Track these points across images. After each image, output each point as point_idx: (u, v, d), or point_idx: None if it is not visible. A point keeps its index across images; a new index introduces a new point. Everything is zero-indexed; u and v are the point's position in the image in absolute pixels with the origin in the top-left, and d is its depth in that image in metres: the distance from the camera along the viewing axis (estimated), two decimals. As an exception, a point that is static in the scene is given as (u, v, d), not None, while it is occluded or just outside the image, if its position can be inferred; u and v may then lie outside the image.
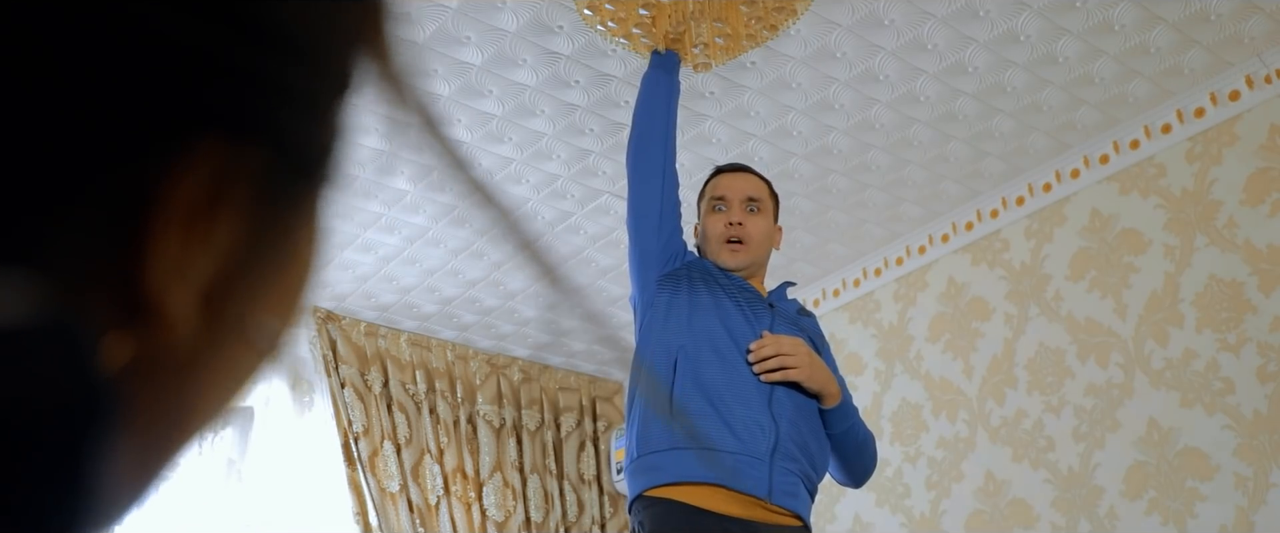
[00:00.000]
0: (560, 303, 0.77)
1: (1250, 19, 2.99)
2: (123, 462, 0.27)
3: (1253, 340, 3.02)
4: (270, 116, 0.29)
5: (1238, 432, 3.00)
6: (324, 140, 0.32)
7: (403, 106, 0.34)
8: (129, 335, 0.27)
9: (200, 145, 0.27)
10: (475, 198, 0.36)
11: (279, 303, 0.32)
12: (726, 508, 2.01)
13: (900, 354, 3.93)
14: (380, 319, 4.25)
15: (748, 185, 2.36)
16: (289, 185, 0.31)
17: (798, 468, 2.08)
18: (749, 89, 3.16)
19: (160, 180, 0.27)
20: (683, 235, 2.34)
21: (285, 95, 0.29)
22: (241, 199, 0.29)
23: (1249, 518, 2.92)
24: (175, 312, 0.28)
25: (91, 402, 0.25)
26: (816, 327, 2.37)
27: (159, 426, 0.29)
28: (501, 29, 2.87)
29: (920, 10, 2.88)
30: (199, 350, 0.29)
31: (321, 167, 0.32)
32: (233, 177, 0.28)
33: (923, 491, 3.71)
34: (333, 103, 0.32)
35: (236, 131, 0.28)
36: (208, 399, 0.31)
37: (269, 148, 0.29)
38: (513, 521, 4.29)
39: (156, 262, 0.27)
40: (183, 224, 0.27)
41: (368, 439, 4.06)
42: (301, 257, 0.33)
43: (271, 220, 0.30)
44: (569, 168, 3.45)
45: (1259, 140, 3.14)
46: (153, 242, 0.27)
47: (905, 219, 3.86)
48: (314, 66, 0.30)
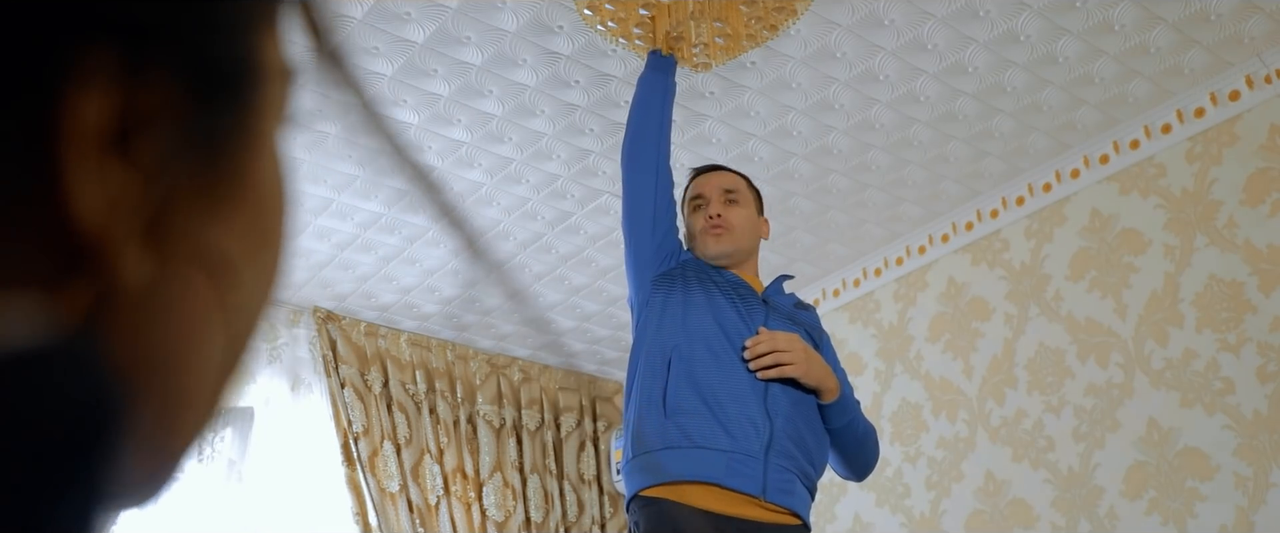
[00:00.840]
0: (483, 279, 0.75)
1: (1250, 19, 2.99)
2: (136, 451, 0.27)
3: (1253, 340, 3.02)
4: (170, 27, 0.27)
5: (1238, 432, 3.00)
6: (246, 57, 0.30)
7: (342, 87, 0.33)
8: (82, 283, 0.26)
9: (96, 61, 0.26)
10: (407, 170, 0.35)
11: (246, 236, 0.31)
12: (720, 507, 2.01)
13: (900, 354, 3.93)
14: (380, 319, 4.25)
15: (722, 180, 2.41)
16: (215, 108, 0.29)
17: (794, 465, 2.08)
18: (749, 89, 3.16)
19: (60, 102, 0.25)
20: (678, 236, 2.35)
21: (185, 6, 0.28)
22: (160, 124, 0.27)
23: (1249, 518, 2.92)
24: (117, 245, 0.26)
25: (100, 410, 0.25)
26: (815, 320, 2.36)
27: (156, 379, 0.28)
28: (501, 29, 2.87)
29: (920, 10, 2.88)
30: (161, 287, 0.28)
31: (248, 87, 0.31)
32: (143, 102, 0.27)
33: (923, 491, 3.71)
34: (250, 16, 0.31)
35: (134, 46, 0.26)
36: (195, 343, 0.29)
37: (179, 65, 0.28)
38: (513, 521, 4.29)
39: (79, 192, 0.25)
40: (97, 147, 0.26)
41: (368, 439, 4.06)
42: (256, 183, 0.31)
43: (205, 144, 0.29)
44: (569, 168, 3.45)
45: (1259, 140, 3.14)
46: (68, 171, 0.25)
47: (905, 219, 3.86)
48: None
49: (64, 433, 0.24)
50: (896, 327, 3.98)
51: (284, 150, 0.33)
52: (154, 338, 0.28)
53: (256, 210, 0.32)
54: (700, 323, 2.16)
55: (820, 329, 2.35)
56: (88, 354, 0.25)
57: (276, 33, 0.32)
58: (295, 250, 3.87)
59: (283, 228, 0.33)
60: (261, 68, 0.31)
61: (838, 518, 3.94)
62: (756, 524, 2.02)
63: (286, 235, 0.33)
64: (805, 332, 2.26)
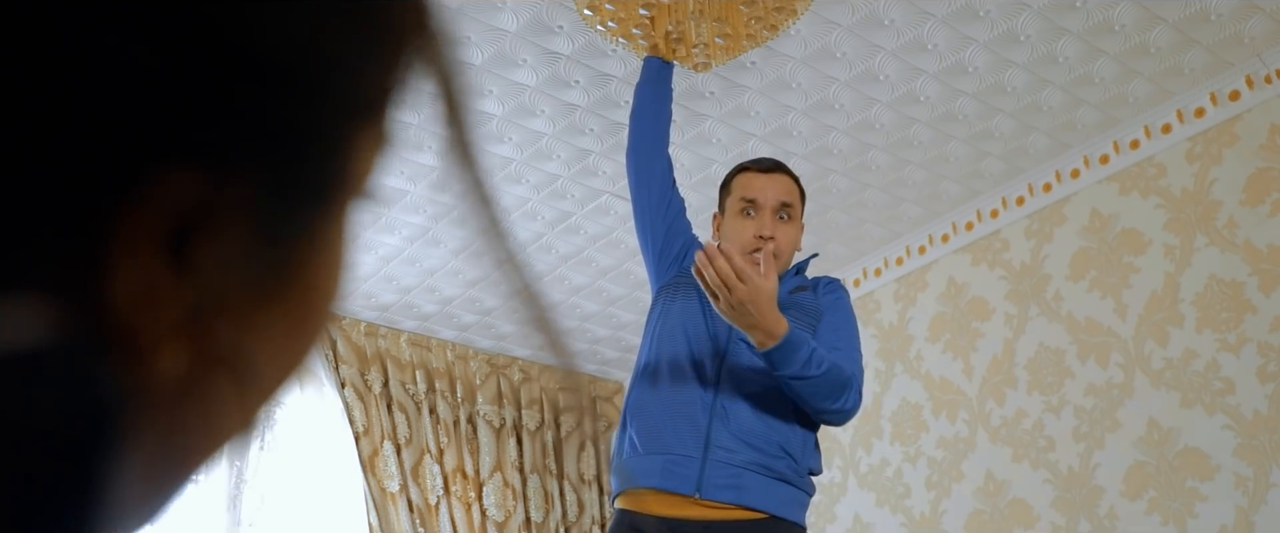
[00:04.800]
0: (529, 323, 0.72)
1: (1250, 19, 2.99)
2: (131, 481, 0.27)
3: (1253, 340, 3.02)
4: (254, 147, 0.27)
5: (1238, 432, 3.00)
6: (335, 164, 0.30)
7: (454, 128, 0.32)
8: (114, 363, 0.26)
9: (166, 175, 0.26)
10: (490, 234, 0.34)
11: (286, 335, 0.31)
12: (659, 509, 2.06)
13: (900, 354, 3.93)
14: (380, 319, 4.25)
15: (781, 189, 2.19)
16: (288, 212, 0.29)
17: (741, 459, 2.04)
18: (749, 89, 3.16)
19: (119, 210, 0.25)
20: (683, 238, 2.32)
21: (273, 125, 0.27)
22: (225, 228, 0.27)
23: (1249, 518, 2.92)
24: (147, 340, 0.27)
25: (100, 414, 0.25)
26: (813, 300, 2.19)
27: (159, 459, 0.28)
28: (501, 29, 2.87)
29: (920, 10, 2.88)
30: (187, 383, 0.28)
31: (332, 190, 0.30)
32: (212, 205, 0.27)
33: (923, 491, 3.71)
34: (345, 125, 0.30)
35: (212, 162, 0.26)
36: (204, 432, 0.29)
37: (259, 176, 0.28)
38: (513, 521, 4.29)
39: (121, 288, 0.26)
40: (149, 252, 0.26)
41: (368, 439, 4.06)
42: (310, 281, 0.31)
43: (267, 248, 0.29)
44: (569, 168, 3.45)
45: (1259, 140, 3.14)
46: (115, 268, 0.26)
47: (905, 219, 3.86)
48: (311, 93, 0.28)
49: (64, 435, 0.24)
50: (896, 327, 3.98)
51: (353, 232, 0.32)
52: (171, 425, 0.28)
53: (304, 305, 0.31)
54: (670, 333, 2.17)
55: (828, 308, 2.18)
56: (92, 360, 0.25)
57: (377, 129, 0.31)
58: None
59: (326, 316, 0.32)
60: (347, 173, 0.31)
61: (838, 518, 3.94)
62: (702, 523, 2.02)
63: (329, 322, 0.33)
64: (798, 316, 2.12)
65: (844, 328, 2.17)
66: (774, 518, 2.04)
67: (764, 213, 2.17)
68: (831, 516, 3.96)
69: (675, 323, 2.18)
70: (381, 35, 0.30)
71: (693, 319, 2.17)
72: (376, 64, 0.30)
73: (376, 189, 0.33)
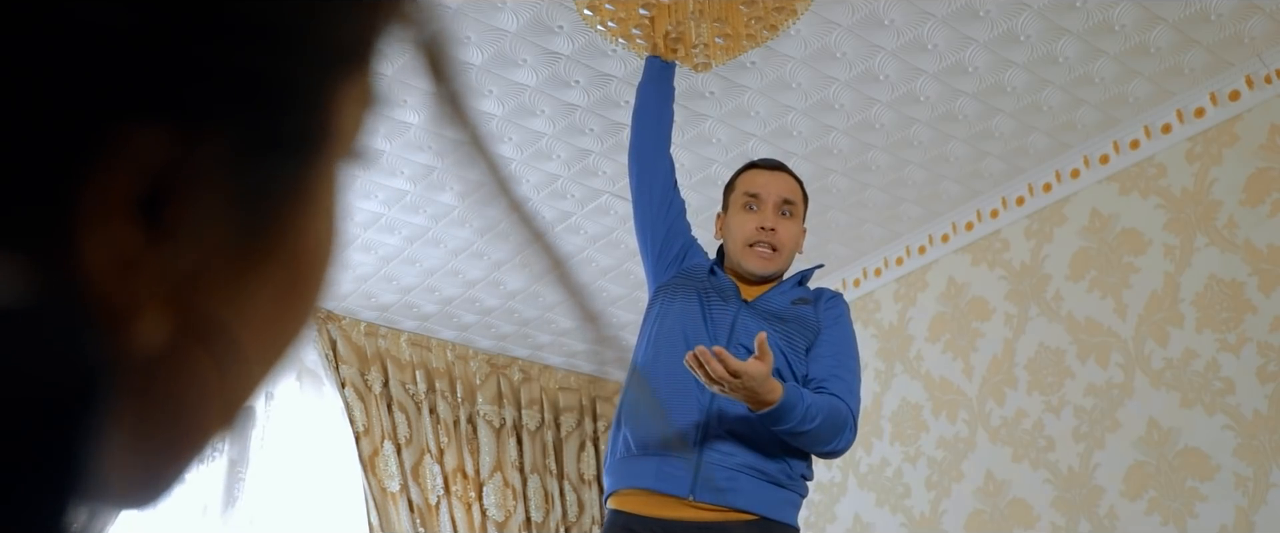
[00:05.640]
0: (563, 301, 0.74)
1: (1250, 19, 2.99)
2: (115, 453, 0.26)
3: (1253, 340, 3.02)
4: (227, 103, 0.26)
5: (1238, 432, 3.00)
6: (316, 120, 0.29)
7: (455, 124, 0.32)
8: (94, 329, 0.25)
9: (136, 135, 0.25)
10: (514, 217, 0.33)
11: (273, 304, 0.30)
12: (651, 511, 2.06)
13: (900, 354, 3.93)
14: (380, 319, 4.25)
15: (784, 187, 2.26)
16: (268, 172, 0.28)
17: (737, 461, 2.05)
18: (749, 89, 3.16)
19: (84, 172, 0.24)
20: (681, 240, 2.32)
21: (247, 79, 0.26)
22: (200, 190, 0.26)
23: (1249, 518, 2.92)
24: (124, 307, 0.26)
25: (80, 379, 0.24)
26: (813, 314, 2.21)
27: (142, 435, 0.27)
28: (501, 29, 2.87)
29: (920, 10, 2.88)
30: (168, 357, 0.27)
31: (314, 148, 0.29)
32: (185, 166, 0.26)
33: (923, 491, 3.71)
34: (325, 78, 0.29)
35: (183, 120, 0.25)
36: (186, 408, 0.28)
37: (235, 134, 0.26)
38: (513, 521, 4.29)
39: (94, 252, 0.25)
40: (121, 215, 0.25)
41: (368, 439, 4.06)
42: (296, 246, 0.30)
43: (247, 211, 0.28)
44: (569, 168, 3.45)
45: (1259, 140, 3.14)
46: (86, 232, 0.25)
47: (905, 219, 3.86)
48: (287, 44, 0.27)
49: (45, 398, 0.24)
50: (896, 327, 3.98)
51: (341, 194, 0.31)
52: (150, 400, 0.27)
53: (291, 271, 0.30)
54: (669, 334, 2.17)
55: (826, 323, 2.20)
56: (73, 325, 0.25)
57: (361, 81, 0.30)
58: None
59: (319, 286, 0.31)
60: (330, 128, 0.29)
61: (838, 518, 3.94)
62: (695, 525, 2.03)
63: (322, 292, 0.32)
64: (797, 328, 2.17)
65: (842, 349, 2.18)
66: (765, 520, 2.06)
67: (767, 207, 2.22)
68: (831, 516, 3.96)
69: (674, 324, 2.19)
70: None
71: (692, 322, 2.17)
72: (355, 13, 0.29)
73: (365, 150, 0.32)
